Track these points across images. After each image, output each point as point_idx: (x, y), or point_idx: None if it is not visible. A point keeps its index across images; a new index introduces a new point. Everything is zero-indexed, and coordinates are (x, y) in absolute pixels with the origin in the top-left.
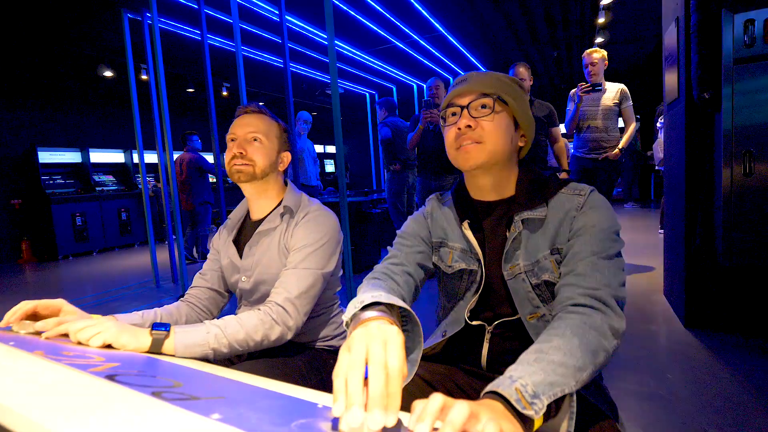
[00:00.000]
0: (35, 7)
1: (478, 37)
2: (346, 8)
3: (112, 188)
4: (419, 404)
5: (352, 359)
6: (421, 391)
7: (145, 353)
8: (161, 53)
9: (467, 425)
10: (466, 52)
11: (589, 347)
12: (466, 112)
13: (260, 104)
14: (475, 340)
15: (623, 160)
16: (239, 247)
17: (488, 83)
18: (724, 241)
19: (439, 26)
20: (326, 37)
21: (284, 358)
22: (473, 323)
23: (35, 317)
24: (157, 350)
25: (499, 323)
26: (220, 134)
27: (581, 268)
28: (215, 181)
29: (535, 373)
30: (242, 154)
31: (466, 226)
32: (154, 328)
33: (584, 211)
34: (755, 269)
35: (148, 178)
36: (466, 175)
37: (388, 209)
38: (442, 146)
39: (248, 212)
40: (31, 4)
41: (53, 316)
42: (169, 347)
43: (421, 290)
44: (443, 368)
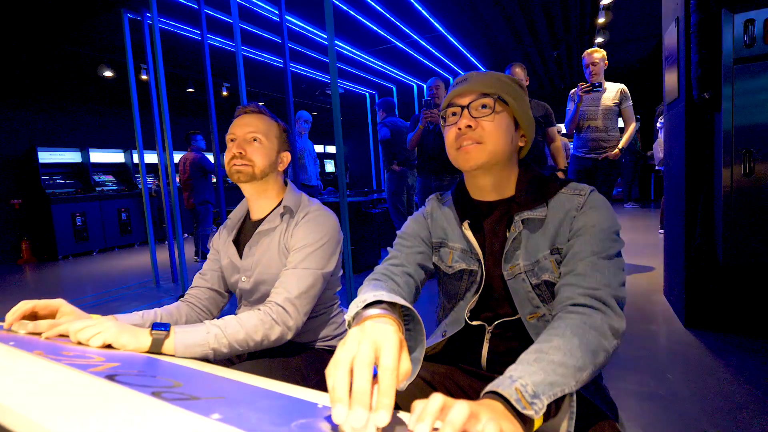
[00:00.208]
0: (35, 7)
1: (478, 37)
2: (346, 8)
3: (112, 188)
4: (419, 404)
5: (336, 358)
6: (421, 391)
7: (145, 353)
8: (161, 53)
9: (467, 425)
10: (466, 52)
11: (589, 347)
12: (466, 112)
13: (260, 104)
14: (475, 340)
15: (623, 159)
16: (239, 247)
17: (489, 83)
18: (724, 240)
19: (439, 26)
20: (326, 37)
21: (284, 358)
22: (473, 323)
23: (34, 317)
24: (157, 350)
25: (499, 323)
26: (220, 134)
27: (581, 268)
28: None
29: (535, 373)
30: (242, 154)
31: (466, 226)
32: (154, 328)
33: (584, 211)
34: (755, 269)
35: (149, 177)
36: (466, 175)
37: (388, 209)
38: (442, 146)
39: (248, 212)
40: (31, 4)
41: (52, 316)
42: (169, 347)
43: (421, 290)
44: (443, 368)
